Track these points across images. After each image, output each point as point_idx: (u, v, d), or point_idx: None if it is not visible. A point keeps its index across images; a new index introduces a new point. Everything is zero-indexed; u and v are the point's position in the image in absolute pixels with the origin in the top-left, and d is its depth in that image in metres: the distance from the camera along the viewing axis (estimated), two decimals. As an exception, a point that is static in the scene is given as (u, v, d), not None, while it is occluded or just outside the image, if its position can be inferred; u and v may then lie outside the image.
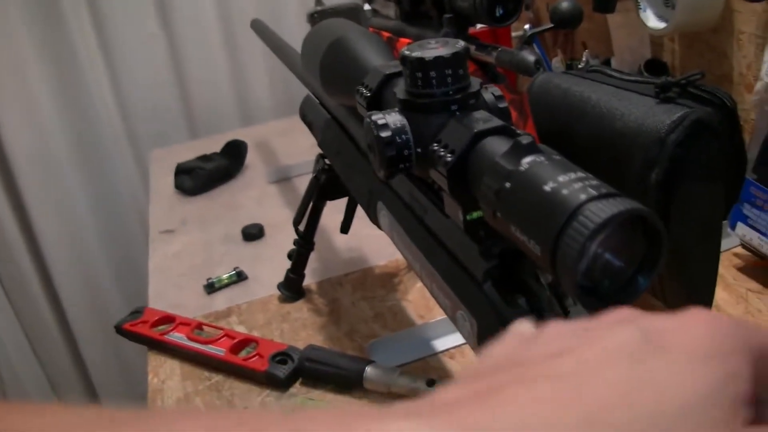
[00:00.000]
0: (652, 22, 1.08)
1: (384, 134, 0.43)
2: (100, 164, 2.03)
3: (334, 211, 0.97)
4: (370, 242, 1.13)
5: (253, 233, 1.25)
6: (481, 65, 0.92)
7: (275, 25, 1.22)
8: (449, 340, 0.86)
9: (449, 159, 0.40)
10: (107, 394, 2.16)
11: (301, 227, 0.98)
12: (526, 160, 0.34)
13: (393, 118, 0.44)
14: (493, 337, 0.31)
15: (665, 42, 1.20)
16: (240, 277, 1.11)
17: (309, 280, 1.05)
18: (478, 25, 0.98)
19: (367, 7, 1.34)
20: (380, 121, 0.43)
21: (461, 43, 0.43)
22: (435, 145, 0.42)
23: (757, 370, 0.26)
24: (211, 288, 1.08)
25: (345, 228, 0.97)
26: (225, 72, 2.09)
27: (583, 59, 1.31)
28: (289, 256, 1.01)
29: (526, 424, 0.23)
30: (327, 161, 0.91)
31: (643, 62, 1.12)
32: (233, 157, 1.59)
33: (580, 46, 1.39)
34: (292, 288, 1.02)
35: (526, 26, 1.40)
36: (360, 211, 0.83)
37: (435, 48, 0.43)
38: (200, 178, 1.50)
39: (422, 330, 0.90)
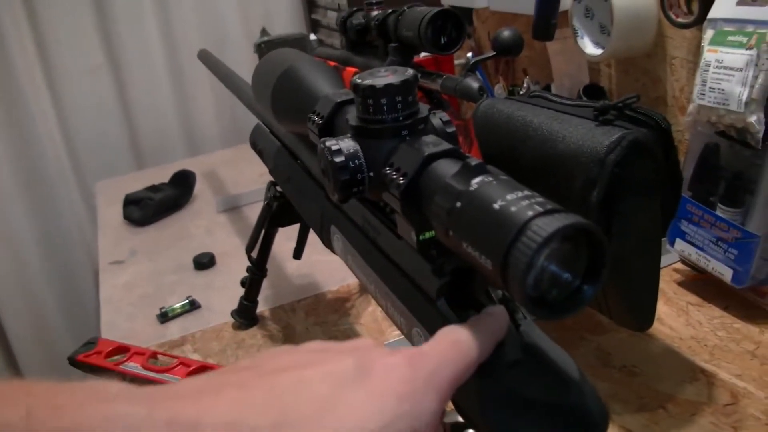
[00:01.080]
0: (589, 48, 1.12)
1: (338, 159, 0.44)
2: (44, 195, 2.01)
3: (285, 238, 0.98)
4: (321, 268, 1.14)
5: (204, 262, 1.25)
6: (426, 92, 0.94)
7: (220, 55, 1.23)
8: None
9: (401, 182, 0.41)
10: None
11: (254, 254, 0.99)
12: (476, 181, 0.36)
13: (346, 144, 0.45)
14: None
15: (602, 68, 1.24)
16: (193, 305, 1.11)
17: (262, 307, 1.06)
18: (422, 54, 1.00)
19: (313, 37, 1.36)
20: (334, 147, 0.45)
21: (410, 71, 0.45)
22: (387, 168, 0.43)
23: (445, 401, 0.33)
24: (164, 317, 1.08)
25: (297, 254, 0.98)
26: (171, 102, 2.09)
27: (524, 86, 1.35)
28: (242, 283, 1.02)
29: (227, 422, 0.28)
30: (278, 188, 0.92)
31: (581, 87, 1.16)
32: (182, 186, 1.59)
33: (521, 73, 1.43)
34: (246, 315, 1.03)
35: (469, 54, 1.44)
36: (311, 238, 0.84)
37: (385, 76, 0.45)
38: (149, 208, 1.50)
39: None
